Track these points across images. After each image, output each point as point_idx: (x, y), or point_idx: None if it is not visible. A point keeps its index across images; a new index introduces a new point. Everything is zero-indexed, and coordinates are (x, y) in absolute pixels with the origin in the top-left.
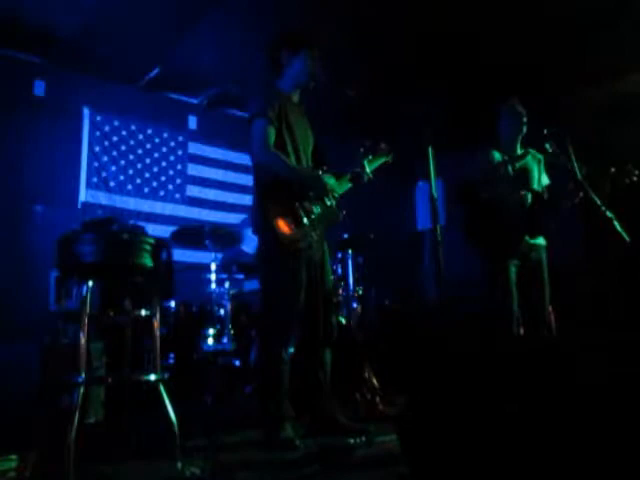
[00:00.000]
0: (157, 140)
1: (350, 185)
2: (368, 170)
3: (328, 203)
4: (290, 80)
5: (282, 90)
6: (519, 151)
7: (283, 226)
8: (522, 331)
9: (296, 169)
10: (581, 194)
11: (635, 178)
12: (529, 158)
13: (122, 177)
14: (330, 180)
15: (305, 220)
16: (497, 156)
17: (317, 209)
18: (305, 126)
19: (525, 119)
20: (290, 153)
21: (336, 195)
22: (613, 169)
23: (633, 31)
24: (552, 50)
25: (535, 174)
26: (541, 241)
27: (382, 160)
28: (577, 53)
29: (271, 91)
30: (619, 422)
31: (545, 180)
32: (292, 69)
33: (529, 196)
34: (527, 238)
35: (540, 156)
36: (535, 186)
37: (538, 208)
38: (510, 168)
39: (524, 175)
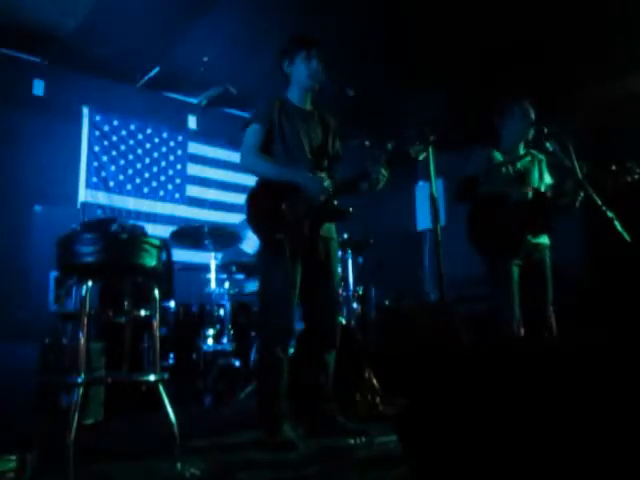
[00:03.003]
0: (157, 140)
1: (356, 189)
2: (385, 174)
3: (326, 201)
4: (297, 87)
5: (291, 99)
6: (521, 151)
7: (267, 227)
8: (523, 331)
9: (283, 170)
10: (582, 193)
11: (636, 176)
12: (529, 158)
13: (122, 177)
14: (325, 180)
15: (291, 219)
16: (498, 156)
17: (311, 208)
18: (313, 131)
19: (533, 122)
20: (282, 157)
21: (330, 193)
22: (614, 167)
23: (633, 31)
24: (552, 50)
25: (535, 174)
26: (544, 240)
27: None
28: (577, 53)
29: (271, 100)
30: (619, 421)
31: (548, 180)
32: (294, 76)
33: (529, 194)
34: (530, 237)
35: (541, 156)
36: (536, 186)
37: (539, 206)
38: (511, 169)
39: (524, 175)
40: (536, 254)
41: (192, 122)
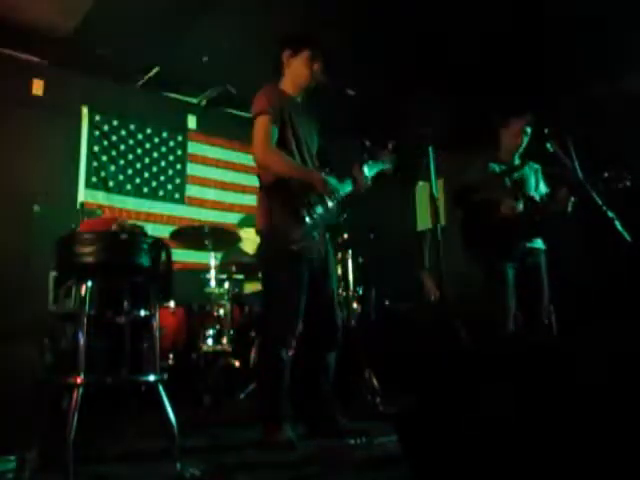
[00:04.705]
0: (156, 140)
1: (351, 188)
2: (367, 175)
3: (330, 204)
4: (291, 80)
5: (284, 90)
6: (516, 161)
7: (285, 226)
8: (522, 332)
9: (299, 168)
10: (573, 199)
11: (628, 183)
12: (526, 169)
13: (121, 177)
14: (333, 181)
15: (307, 219)
16: (494, 166)
17: (319, 209)
18: (310, 127)
19: (527, 136)
20: (294, 153)
21: (338, 196)
22: (606, 173)
23: (633, 31)
24: (552, 50)
25: (532, 183)
26: (539, 245)
27: (381, 167)
28: (577, 53)
29: (274, 89)
30: (618, 422)
31: (543, 189)
32: (292, 69)
33: (522, 202)
34: (524, 242)
35: (537, 166)
36: (531, 194)
37: (532, 214)
38: (507, 180)
39: (520, 184)
40: (530, 258)
41: (192, 122)
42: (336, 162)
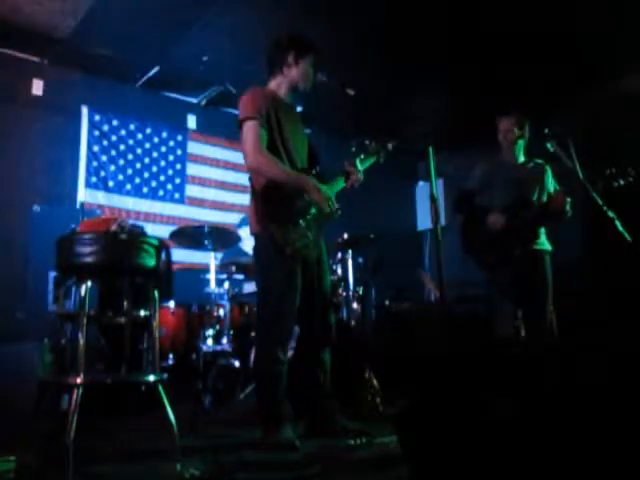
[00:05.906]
0: (156, 139)
1: (343, 185)
2: (360, 169)
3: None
4: (287, 82)
5: (274, 90)
6: (521, 159)
7: (279, 228)
8: (523, 332)
9: (291, 173)
10: (569, 200)
11: (631, 179)
12: (530, 167)
13: (121, 177)
14: (323, 186)
15: (301, 221)
16: (497, 166)
17: (311, 209)
18: (298, 127)
19: (517, 132)
20: (282, 154)
21: (331, 203)
22: (608, 170)
23: (633, 31)
24: (552, 50)
25: (535, 183)
26: (544, 246)
27: (373, 159)
28: (577, 53)
29: (261, 92)
30: (618, 422)
31: (551, 188)
32: (292, 72)
33: (516, 202)
34: (528, 244)
35: (546, 166)
36: (534, 196)
37: (530, 216)
38: (509, 179)
39: (522, 184)
40: (533, 258)
41: (191, 122)
42: (332, 160)
